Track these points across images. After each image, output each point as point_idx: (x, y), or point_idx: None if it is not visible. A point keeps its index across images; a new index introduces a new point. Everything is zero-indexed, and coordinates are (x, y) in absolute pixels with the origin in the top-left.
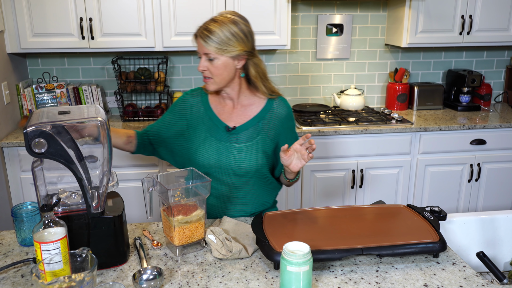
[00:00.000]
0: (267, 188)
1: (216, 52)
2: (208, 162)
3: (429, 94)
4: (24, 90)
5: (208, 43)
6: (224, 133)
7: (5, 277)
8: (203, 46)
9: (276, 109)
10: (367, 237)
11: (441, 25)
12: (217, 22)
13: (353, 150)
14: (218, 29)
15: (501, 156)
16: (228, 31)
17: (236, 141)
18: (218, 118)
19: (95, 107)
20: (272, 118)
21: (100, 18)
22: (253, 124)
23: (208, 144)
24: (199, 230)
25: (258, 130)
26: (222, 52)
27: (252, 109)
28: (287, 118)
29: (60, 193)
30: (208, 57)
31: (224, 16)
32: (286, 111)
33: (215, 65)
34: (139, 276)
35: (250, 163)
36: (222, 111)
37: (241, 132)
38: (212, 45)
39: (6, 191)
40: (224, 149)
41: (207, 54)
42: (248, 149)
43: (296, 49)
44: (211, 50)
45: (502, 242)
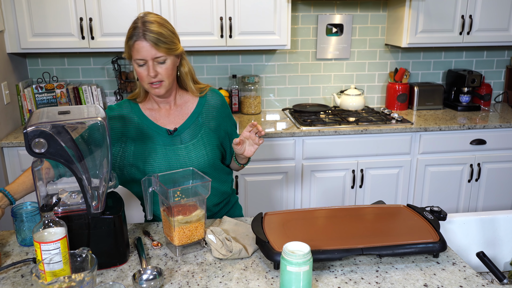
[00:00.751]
0: (222, 178)
1: (167, 52)
2: (159, 169)
3: (429, 94)
4: (24, 90)
5: (159, 45)
6: (166, 137)
7: (5, 277)
8: (152, 49)
9: (211, 100)
10: (367, 237)
11: (441, 25)
12: (154, 23)
13: (353, 150)
14: (161, 29)
15: (501, 156)
16: (168, 29)
17: (181, 142)
18: (156, 124)
19: (95, 107)
20: (210, 110)
21: (100, 18)
22: (193, 121)
23: (153, 153)
24: (199, 230)
25: (199, 125)
26: (171, 51)
27: (187, 106)
28: (224, 106)
29: (60, 193)
30: (158, 61)
31: (152, 16)
32: (221, 100)
33: (166, 67)
34: (139, 276)
35: (202, 159)
36: (158, 116)
37: (183, 132)
38: (162, 46)
39: None
40: (172, 153)
41: (157, 57)
42: (195, 146)
43: (296, 49)
44: (162, 52)
45: (502, 242)
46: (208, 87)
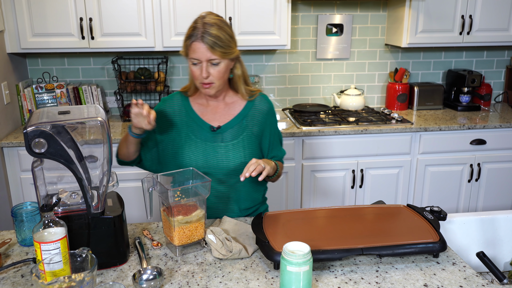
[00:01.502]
0: (254, 185)
1: (222, 56)
2: (195, 163)
3: (429, 94)
4: (24, 90)
5: (215, 48)
6: (209, 133)
7: (5, 277)
8: (207, 52)
9: (259, 105)
10: (367, 237)
11: (441, 25)
12: (214, 26)
13: (353, 150)
14: (220, 33)
15: (501, 156)
16: (226, 33)
17: (222, 140)
18: (201, 119)
19: (95, 107)
20: (256, 114)
21: (100, 18)
22: (237, 122)
23: (194, 146)
24: (199, 230)
25: (243, 128)
26: (226, 55)
27: (235, 107)
28: (270, 113)
29: (60, 193)
30: (212, 62)
31: (214, 18)
32: (268, 107)
33: (218, 70)
34: (139, 276)
35: (238, 160)
36: (205, 112)
37: (226, 131)
38: (218, 50)
39: (6, 191)
40: (211, 149)
41: (211, 60)
42: (234, 147)
43: (296, 49)
44: (217, 55)
45: (502, 242)
46: (258, 92)
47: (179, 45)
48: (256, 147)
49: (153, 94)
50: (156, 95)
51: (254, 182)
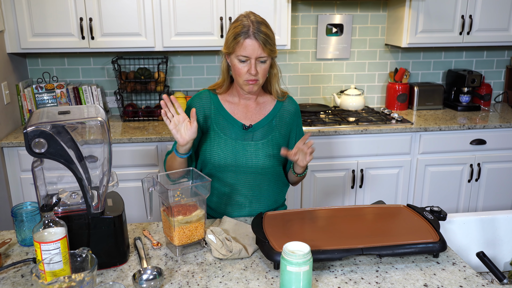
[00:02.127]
0: (279, 185)
1: (270, 54)
2: (224, 161)
3: (429, 94)
4: (24, 90)
5: (266, 46)
6: (240, 131)
7: (5, 277)
8: (258, 49)
9: (287, 106)
10: (367, 237)
11: (441, 25)
12: (263, 24)
13: (353, 150)
14: (268, 31)
15: (501, 156)
16: (272, 33)
17: (252, 139)
18: (232, 117)
19: (95, 107)
20: (284, 115)
21: (100, 18)
22: (268, 122)
23: (223, 143)
24: (199, 230)
25: (272, 127)
26: (272, 53)
27: (265, 107)
28: (297, 114)
29: (60, 193)
30: (260, 60)
31: (258, 17)
32: (295, 108)
33: (264, 67)
34: (139, 276)
35: (268, 159)
36: (236, 110)
37: (257, 129)
38: (268, 48)
39: (6, 191)
40: (241, 147)
41: (260, 57)
42: (264, 146)
43: (296, 49)
44: (267, 53)
45: (502, 242)
46: (287, 94)
47: (179, 45)
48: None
49: (153, 94)
50: (156, 95)
51: (278, 181)
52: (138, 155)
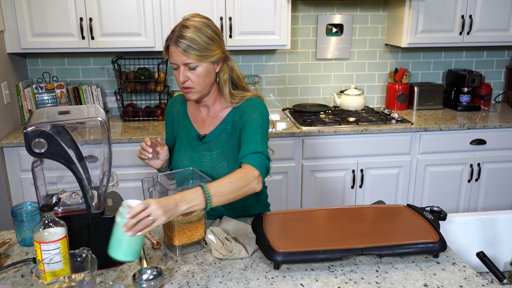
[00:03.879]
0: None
1: (197, 59)
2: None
3: (429, 94)
4: (24, 90)
5: (188, 51)
6: (196, 142)
7: (5, 277)
8: (181, 56)
9: (243, 109)
10: (367, 237)
11: (441, 25)
12: (190, 28)
13: (353, 150)
14: (195, 35)
15: (501, 156)
16: (204, 35)
17: (208, 149)
18: (193, 126)
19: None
20: (238, 117)
21: (100, 18)
22: (222, 129)
23: (183, 153)
24: (199, 230)
25: (228, 134)
26: (203, 58)
27: (222, 113)
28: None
29: (60, 193)
30: (189, 67)
31: (194, 20)
32: (252, 109)
33: (197, 73)
34: (139, 276)
35: (222, 171)
36: (197, 118)
37: (211, 139)
38: (192, 53)
39: (6, 191)
40: (197, 158)
41: (187, 63)
42: (219, 157)
43: (296, 49)
44: (192, 59)
45: (502, 242)
46: (249, 96)
47: None
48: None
49: (153, 94)
50: (156, 95)
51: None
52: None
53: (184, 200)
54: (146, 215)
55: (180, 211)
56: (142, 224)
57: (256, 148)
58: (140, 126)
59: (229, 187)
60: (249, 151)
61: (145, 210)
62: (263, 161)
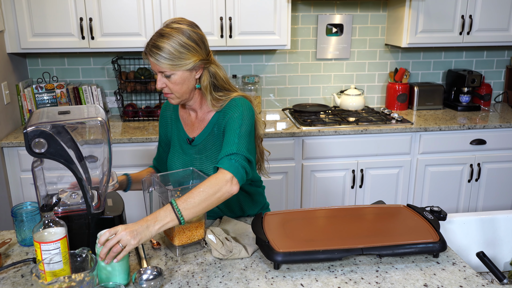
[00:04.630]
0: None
1: (170, 68)
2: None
3: (429, 94)
4: (24, 90)
5: (159, 60)
6: (186, 145)
7: (5, 277)
8: (155, 65)
9: (225, 110)
10: (367, 237)
11: (441, 25)
12: (164, 36)
13: (353, 150)
14: (166, 44)
15: (501, 156)
16: (177, 43)
17: (198, 152)
18: (183, 129)
19: (95, 107)
20: (222, 118)
21: (100, 18)
22: (209, 131)
23: (176, 157)
24: (199, 230)
25: (214, 136)
26: (176, 67)
27: (208, 116)
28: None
29: (60, 193)
30: (165, 74)
31: (171, 27)
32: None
33: (173, 81)
34: (139, 276)
35: (211, 173)
36: (187, 121)
37: (199, 142)
38: (164, 62)
39: (6, 191)
40: (189, 161)
41: (162, 72)
42: (208, 159)
43: (296, 49)
44: (165, 67)
45: (502, 242)
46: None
47: None
48: None
49: (153, 94)
50: (156, 95)
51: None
52: (138, 155)
53: (156, 220)
54: (115, 242)
55: (153, 232)
56: (113, 251)
57: (231, 150)
58: (140, 126)
59: (199, 196)
60: (223, 154)
61: (114, 238)
62: (237, 162)
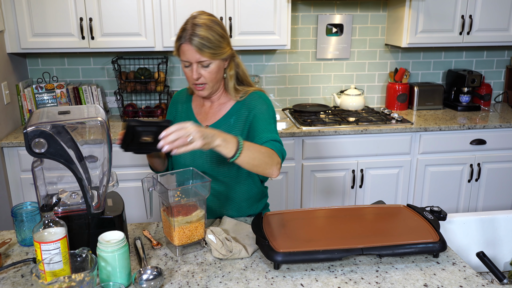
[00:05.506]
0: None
1: (211, 57)
2: (184, 162)
3: (429, 94)
4: (24, 90)
5: (202, 49)
6: None
7: (5, 277)
8: (195, 54)
9: (248, 102)
10: (367, 237)
11: (441, 25)
12: (202, 26)
13: (353, 150)
14: (207, 33)
15: (501, 156)
16: (216, 33)
17: None
18: (195, 118)
19: (95, 107)
20: (242, 112)
21: (100, 18)
22: (225, 121)
23: None
24: (199, 230)
25: (231, 127)
26: (216, 56)
27: (225, 107)
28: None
29: (60, 193)
30: (202, 64)
31: (204, 18)
32: (260, 102)
33: (209, 70)
34: (139, 276)
35: (221, 163)
36: (200, 111)
37: None
38: (207, 51)
39: (6, 191)
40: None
41: (201, 61)
42: None
43: (296, 49)
44: (206, 56)
45: (502, 242)
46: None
47: None
48: None
49: (153, 94)
50: (156, 95)
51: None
52: (138, 155)
53: (220, 136)
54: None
55: (214, 144)
56: (180, 141)
57: (274, 137)
58: None
59: (258, 153)
60: (269, 138)
61: (184, 129)
62: (283, 151)
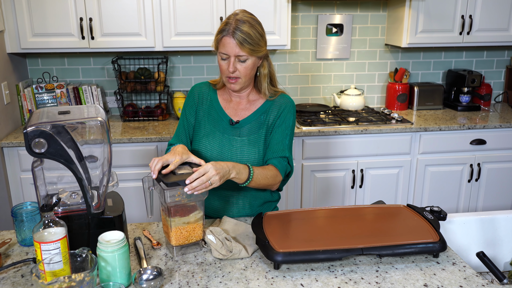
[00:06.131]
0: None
1: (249, 53)
2: (210, 154)
3: (429, 94)
4: (24, 90)
5: (244, 45)
6: (228, 126)
7: (5, 277)
8: (236, 47)
9: (278, 101)
10: (367, 237)
11: (441, 25)
12: (246, 23)
13: (353, 150)
14: (250, 30)
15: (501, 156)
16: (257, 31)
17: (239, 135)
18: (224, 111)
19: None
20: (272, 110)
21: (100, 18)
22: (256, 118)
23: (211, 136)
24: (197, 231)
25: (260, 123)
26: (254, 52)
27: (255, 104)
28: (287, 110)
29: (60, 193)
30: (240, 59)
31: (246, 16)
32: (286, 103)
33: (245, 65)
34: (139, 276)
35: (252, 156)
36: (228, 105)
37: (244, 126)
38: (247, 47)
39: (6, 191)
40: (227, 142)
41: (239, 56)
42: (250, 142)
43: (296, 49)
44: (245, 52)
45: (502, 242)
46: (280, 93)
47: (179, 45)
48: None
49: (153, 94)
50: (156, 95)
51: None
52: (138, 155)
53: (235, 169)
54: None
55: (230, 177)
56: (201, 187)
57: (284, 153)
58: (140, 126)
59: (264, 180)
60: (279, 154)
61: (205, 175)
62: (286, 167)
